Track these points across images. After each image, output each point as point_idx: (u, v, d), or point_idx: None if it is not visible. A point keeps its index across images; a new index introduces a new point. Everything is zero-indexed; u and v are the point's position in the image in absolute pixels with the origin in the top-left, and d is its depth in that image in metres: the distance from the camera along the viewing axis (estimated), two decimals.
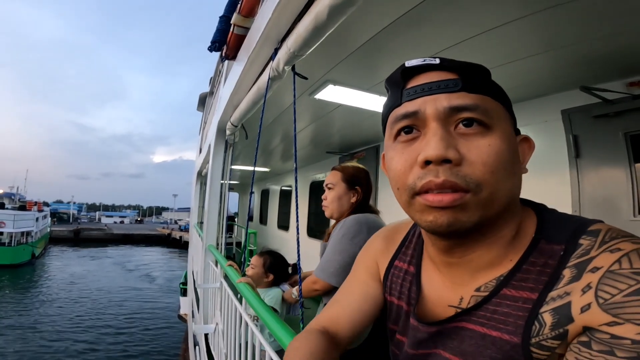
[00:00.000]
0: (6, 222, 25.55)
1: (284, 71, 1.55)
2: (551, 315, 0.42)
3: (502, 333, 0.46)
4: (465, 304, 0.52)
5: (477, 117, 0.45)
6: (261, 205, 10.51)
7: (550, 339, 0.42)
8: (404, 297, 0.64)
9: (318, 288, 1.51)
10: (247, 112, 2.29)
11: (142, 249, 38.45)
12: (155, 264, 28.47)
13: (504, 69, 1.93)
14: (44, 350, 10.99)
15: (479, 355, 0.48)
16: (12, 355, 10.47)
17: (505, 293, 0.47)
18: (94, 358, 10.75)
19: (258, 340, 1.19)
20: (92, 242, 41.01)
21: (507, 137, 0.47)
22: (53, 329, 12.77)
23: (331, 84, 2.33)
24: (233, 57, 2.46)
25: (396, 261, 0.68)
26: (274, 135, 4.30)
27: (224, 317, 2.03)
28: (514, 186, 0.48)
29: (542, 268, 0.46)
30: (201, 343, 2.72)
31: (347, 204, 1.59)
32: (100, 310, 15.29)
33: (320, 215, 5.94)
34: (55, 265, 25.73)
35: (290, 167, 7.27)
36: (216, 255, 2.56)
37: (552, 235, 0.48)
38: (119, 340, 12.12)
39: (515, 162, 0.48)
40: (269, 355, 1.05)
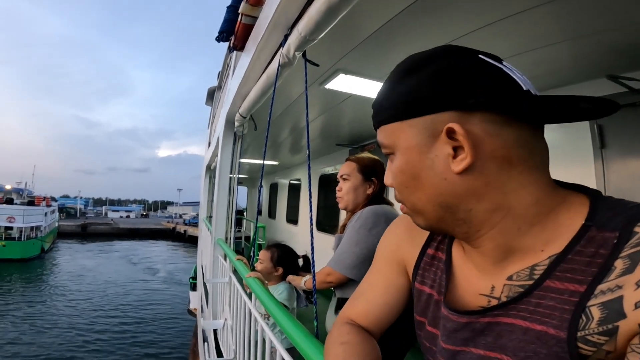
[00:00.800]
0: (16, 217, 25.94)
1: (294, 57, 1.50)
2: (599, 309, 0.39)
3: (547, 327, 0.42)
4: (499, 294, 0.50)
5: (384, 150, 0.53)
6: (270, 199, 10.53)
7: (597, 334, 0.39)
8: (436, 285, 0.61)
9: (332, 280, 1.47)
10: (256, 102, 2.24)
11: (147, 242, 38.93)
12: (160, 257, 29.07)
13: (525, 57, 1.87)
14: (55, 339, 11.35)
15: (521, 350, 0.45)
16: (26, 345, 10.80)
17: (549, 285, 0.44)
18: (104, 346, 11.12)
19: (268, 337, 1.16)
20: (99, 237, 41.61)
21: (402, 156, 0.50)
22: (64, 320, 13.17)
23: (342, 73, 2.27)
24: (241, 48, 2.42)
25: (428, 249, 0.65)
26: (283, 127, 4.26)
27: (233, 313, 2.00)
28: (429, 194, 0.49)
29: (591, 258, 0.41)
30: (210, 339, 2.72)
31: (363, 195, 1.55)
32: (109, 301, 15.82)
33: (330, 209, 5.90)
34: (64, 259, 26.33)
35: (299, 160, 7.24)
36: (225, 249, 2.53)
37: (605, 222, 0.42)
38: (127, 329, 12.55)
39: (418, 173, 0.49)
40: (280, 353, 1.01)
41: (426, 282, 0.63)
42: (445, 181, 0.47)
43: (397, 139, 0.50)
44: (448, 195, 0.48)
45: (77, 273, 21.15)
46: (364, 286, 0.73)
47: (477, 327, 0.50)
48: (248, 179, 12.45)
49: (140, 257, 28.27)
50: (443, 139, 0.46)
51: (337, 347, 0.60)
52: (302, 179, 7.59)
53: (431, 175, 0.48)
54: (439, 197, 0.48)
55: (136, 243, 37.78)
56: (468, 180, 0.46)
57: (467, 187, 0.46)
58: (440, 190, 0.48)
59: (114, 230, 44.73)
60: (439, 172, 0.47)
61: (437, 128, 0.46)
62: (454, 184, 0.47)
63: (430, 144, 0.47)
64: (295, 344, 0.85)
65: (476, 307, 0.52)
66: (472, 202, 0.47)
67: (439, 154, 0.47)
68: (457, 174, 0.46)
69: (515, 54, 1.83)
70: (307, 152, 1.33)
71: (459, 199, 0.47)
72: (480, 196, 0.46)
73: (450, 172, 0.46)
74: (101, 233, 43.31)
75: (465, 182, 0.46)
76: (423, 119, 0.47)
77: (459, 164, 0.45)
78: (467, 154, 0.44)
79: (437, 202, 0.49)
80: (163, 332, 12.66)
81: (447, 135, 0.45)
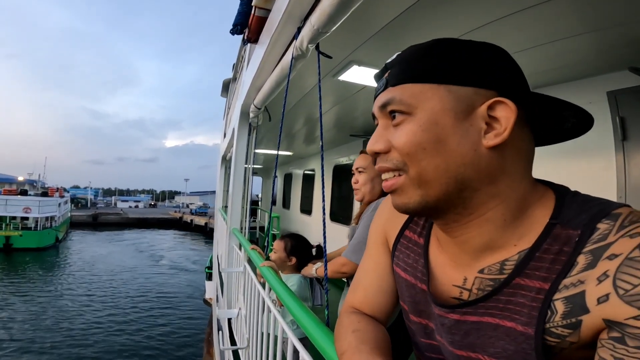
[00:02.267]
0: (32, 207, 26.94)
1: (307, 50, 1.50)
2: (563, 303, 0.40)
3: (516, 324, 0.44)
4: (470, 285, 0.51)
5: (396, 108, 0.49)
6: (284, 190, 10.59)
7: (561, 327, 0.41)
8: (410, 269, 0.61)
9: (346, 271, 1.48)
10: (270, 93, 2.26)
11: (155, 232, 40.12)
12: (168, 245, 30.43)
13: (545, 49, 1.83)
14: (75, 323, 11.96)
15: (491, 347, 0.46)
16: (45, 330, 11.37)
17: (519, 282, 0.45)
18: (119, 328, 11.74)
19: (280, 326, 1.18)
20: (109, 226, 42.80)
21: (429, 117, 0.47)
22: (79, 305, 13.84)
23: (356, 64, 2.25)
24: (255, 40, 2.42)
25: (406, 230, 0.65)
26: (297, 118, 4.27)
27: (247, 302, 2.04)
28: (450, 162, 0.46)
29: (555, 256, 0.43)
30: (224, 328, 2.78)
31: (379, 187, 1.56)
32: (123, 286, 16.67)
33: (344, 199, 5.91)
34: (78, 248, 27.38)
35: (313, 150, 7.24)
36: (240, 239, 2.58)
37: (569, 219, 0.44)
38: (140, 313, 13.28)
39: (445, 138, 0.46)
40: (292, 342, 1.03)
41: (400, 264, 0.64)
42: (475, 152, 0.46)
43: (425, 100, 0.47)
44: (470, 167, 0.46)
45: (92, 261, 22.04)
46: (360, 274, 0.73)
47: (445, 324, 0.52)
48: (263, 169, 12.54)
49: (149, 246, 29.34)
50: (481, 113, 0.46)
51: (349, 335, 0.60)
52: (316, 169, 7.61)
53: (463, 142, 0.46)
54: (461, 168, 0.46)
55: (145, 232, 38.92)
56: (493, 159, 0.46)
57: (488, 165, 0.46)
58: (466, 160, 0.46)
59: (123, 220, 45.88)
60: (472, 141, 0.46)
61: (477, 100, 0.46)
62: (480, 158, 0.46)
63: (468, 113, 0.46)
64: (307, 332, 0.87)
65: (448, 297, 0.54)
66: (484, 182, 0.47)
67: (474, 125, 0.46)
68: (488, 148, 0.46)
69: (535, 45, 1.79)
70: (321, 142, 1.34)
71: (477, 175, 0.46)
72: (493, 179, 0.47)
73: (482, 145, 0.46)
74: (111, 223, 44.49)
75: (489, 160, 0.46)
76: (466, 88, 0.46)
77: (493, 138, 0.45)
78: (505, 130, 0.45)
79: (456, 174, 0.46)
80: (172, 313, 13.40)
81: (489, 108, 0.45)
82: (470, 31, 1.69)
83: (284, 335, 1.16)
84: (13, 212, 26.10)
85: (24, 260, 21.42)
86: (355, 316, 0.66)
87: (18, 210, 26.25)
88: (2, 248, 24.25)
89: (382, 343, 0.58)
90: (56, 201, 31.09)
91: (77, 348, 10.17)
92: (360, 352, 0.54)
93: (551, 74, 2.17)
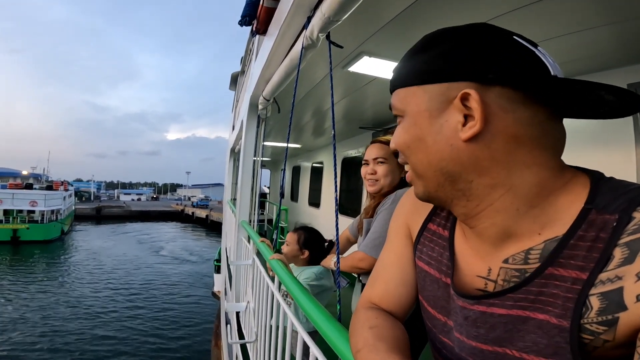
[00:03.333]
0: (38, 201, 27.63)
1: (318, 39, 1.47)
2: (599, 299, 0.38)
3: (549, 316, 0.41)
4: (495, 276, 0.49)
5: (394, 112, 0.55)
6: (292, 182, 10.60)
7: (596, 324, 0.38)
8: (434, 263, 0.60)
9: (364, 267, 1.42)
10: (279, 84, 2.23)
11: (158, 224, 41.26)
12: (170, 237, 31.48)
13: (564, 40, 1.79)
14: (82, 313, 12.41)
15: (520, 341, 0.44)
16: (58, 320, 11.79)
17: (552, 272, 0.42)
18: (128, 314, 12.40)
19: (290, 320, 1.16)
20: (112, 219, 43.60)
21: (410, 119, 0.51)
22: (87, 295, 14.40)
23: (366, 55, 2.22)
24: (264, 32, 2.40)
25: (430, 223, 0.64)
26: (306, 110, 4.25)
27: (256, 295, 2.03)
28: (431, 158, 0.49)
29: (592, 243, 0.40)
30: (233, 321, 2.78)
31: (397, 180, 1.51)
32: (128, 274, 17.53)
33: (352, 192, 5.89)
34: (83, 240, 28.18)
35: (321, 143, 7.22)
36: (249, 231, 2.58)
37: (605, 204, 0.41)
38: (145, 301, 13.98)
39: (423, 136, 0.49)
40: (302, 337, 1.01)
41: (423, 257, 0.62)
42: (450, 147, 0.47)
43: (409, 102, 0.51)
44: (451, 162, 0.48)
45: (97, 252, 22.76)
46: (379, 267, 0.71)
47: (470, 316, 0.50)
48: (271, 161, 12.57)
49: (151, 237, 30.35)
50: (456, 106, 0.46)
51: (365, 331, 0.58)
52: (324, 162, 7.58)
53: (438, 139, 0.48)
54: (441, 162, 0.48)
55: (148, 225, 39.89)
56: (473, 150, 0.46)
57: (471, 156, 0.46)
58: (444, 155, 0.48)
59: (126, 213, 46.80)
60: (446, 137, 0.47)
61: (451, 95, 0.46)
62: (459, 151, 0.47)
63: (442, 110, 0.47)
64: (317, 326, 0.85)
65: (473, 289, 0.52)
66: (474, 173, 0.47)
67: (449, 120, 0.47)
68: (464, 141, 0.46)
69: (554, 36, 1.75)
70: (333, 132, 1.31)
71: (461, 167, 0.47)
72: (483, 169, 0.46)
73: (458, 139, 0.46)
74: (115, 216, 45.36)
75: (470, 151, 0.46)
76: (439, 85, 0.47)
77: (467, 130, 0.45)
78: (477, 121, 0.44)
79: (438, 168, 0.49)
80: (174, 299, 14.17)
81: (461, 102, 0.45)
82: (487, 21, 1.65)
83: (293, 328, 1.15)
84: (20, 205, 26.81)
85: (32, 253, 22.05)
86: (372, 312, 0.64)
87: (24, 203, 26.96)
88: (9, 241, 24.90)
89: (401, 342, 0.56)
90: (61, 194, 31.86)
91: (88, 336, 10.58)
92: (377, 350, 0.52)
93: (571, 65, 2.11)
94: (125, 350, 9.93)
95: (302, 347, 1.02)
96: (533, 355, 0.43)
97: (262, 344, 1.70)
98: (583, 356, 0.39)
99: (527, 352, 0.43)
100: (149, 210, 48.81)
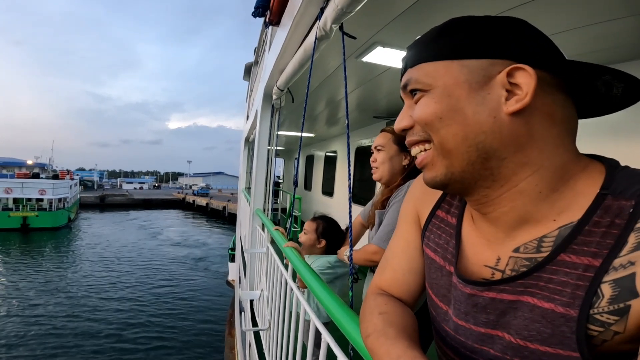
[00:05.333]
0: (47, 190, 28.87)
1: (331, 30, 1.47)
2: (611, 287, 0.37)
3: (555, 305, 0.41)
4: (503, 266, 0.48)
5: (414, 87, 0.51)
6: (306, 171, 10.62)
7: (606, 314, 0.37)
8: (440, 250, 0.59)
9: (377, 260, 1.41)
10: (293, 75, 2.24)
11: (160, 211, 43.64)
12: (171, 223, 33.96)
13: (584, 31, 1.75)
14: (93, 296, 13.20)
15: (524, 329, 0.44)
16: (68, 304, 12.51)
17: (564, 259, 0.41)
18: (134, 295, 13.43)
19: (303, 308, 1.17)
20: (116, 207, 45.30)
21: (442, 90, 0.48)
22: (97, 278, 15.34)
23: (380, 45, 2.20)
24: (277, 23, 2.40)
25: (438, 210, 0.63)
26: (319, 100, 4.24)
27: (270, 283, 2.05)
28: (468, 131, 0.46)
29: (607, 229, 0.39)
30: (246, 309, 2.81)
31: (399, 167, 1.51)
32: (134, 259, 18.98)
33: (365, 181, 5.89)
34: (89, 227, 29.65)
35: (335, 132, 7.20)
36: (263, 219, 2.61)
37: (622, 190, 0.40)
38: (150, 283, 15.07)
39: (460, 107, 0.47)
40: (314, 325, 1.01)
41: (430, 244, 0.62)
42: (493, 119, 0.45)
43: (439, 77, 0.49)
44: (491, 135, 0.45)
45: (103, 238, 24.02)
46: (388, 253, 0.71)
47: (479, 303, 0.49)
48: (285, 151, 12.59)
49: (154, 224, 32.05)
50: (500, 81, 0.45)
51: (375, 316, 0.58)
52: (338, 151, 7.57)
53: (479, 110, 0.46)
54: (480, 136, 0.46)
55: (150, 212, 41.57)
56: (516, 125, 0.45)
57: (512, 132, 0.45)
58: (484, 128, 0.46)
59: (129, 201, 48.33)
60: (490, 109, 0.46)
61: (494, 70, 0.46)
62: (501, 125, 0.45)
63: (483, 83, 0.46)
64: (330, 313, 0.86)
65: (478, 278, 0.51)
66: (510, 150, 0.46)
67: (492, 93, 0.46)
68: (509, 114, 0.45)
69: (573, 27, 1.71)
70: (346, 121, 1.31)
71: (500, 143, 0.46)
72: (520, 146, 0.45)
73: (502, 112, 0.45)
74: (118, 204, 46.91)
75: (512, 126, 0.45)
76: (480, 61, 0.46)
77: (514, 104, 0.44)
78: (526, 95, 0.44)
79: (475, 142, 0.46)
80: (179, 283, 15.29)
81: (507, 77, 0.45)
82: (504, 11, 1.61)
83: (306, 317, 1.16)
84: (29, 194, 28.03)
85: (42, 239, 23.18)
86: (382, 298, 0.64)
87: (34, 192, 28.18)
88: (19, 228, 26.06)
89: (409, 327, 0.55)
90: (68, 183, 33.10)
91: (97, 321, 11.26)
92: (386, 336, 0.52)
93: (590, 57, 2.06)
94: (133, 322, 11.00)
95: (314, 335, 1.02)
96: (537, 344, 0.42)
97: (275, 331, 1.72)
98: (589, 348, 0.39)
99: (531, 342, 0.43)
100: (151, 199, 50.35)
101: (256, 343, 2.38)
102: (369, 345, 0.55)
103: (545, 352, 0.42)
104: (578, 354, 0.39)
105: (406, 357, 0.46)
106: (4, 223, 25.78)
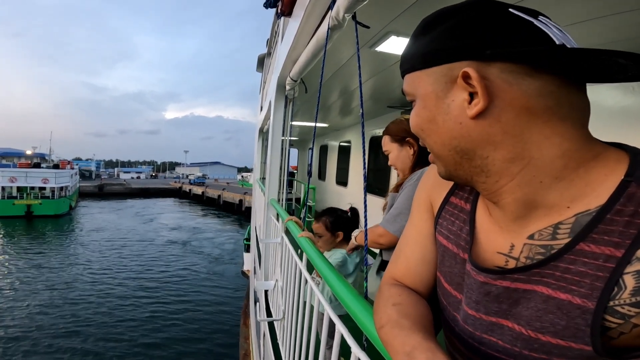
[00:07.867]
0: (49, 178, 30.17)
1: (344, 19, 1.45)
2: (634, 278, 0.36)
3: (572, 296, 0.40)
4: (517, 254, 0.47)
5: (407, 98, 0.55)
6: (319, 161, 10.61)
7: (627, 305, 0.36)
8: (452, 237, 0.58)
9: (383, 242, 1.44)
10: (306, 65, 2.23)
11: (157, 200, 44.87)
12: (168, 210, 35.66)
13: (604, 21, 1.68)
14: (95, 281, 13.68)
15: (537, 321, 0.43)
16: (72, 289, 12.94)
17: (583, 248, 0.40)
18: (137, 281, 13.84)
19: (317, 300, 1.16)
20: (114, 196, 46.51)
21: (420, 101, 0.52)
22: (99, 263, 15.98)
23: (394, 35, 2.17)
24: (289, 14, 2.38)
25: (452, 197, 0.62)
26: (333, 90, 4.21)
27: (284, 274, 2.06)
28: (444, 137, 0.50)
29: (630, 218, 0.38)
30: (261, 299, 2.83)
31: (409, 158, 1.57)
32: (135, 246, 19.46)
33: (379, 171, 5.86)
34: (89, 215, 30.83)
35: (349, 122, 7.16)
36: (278, 209, 2.63)
37: None
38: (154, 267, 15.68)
39: (433, 117, 0.50)
40: (328, 316, 0.99)
41: (442, 232, 0.61)
42: (460, 125, 0.47)
43: (417, 87, 0.52)
44: (462, 139, 0.48)
45: (104, 225, 25.05)
46: (402, 243, 0.70)
47: (492, 292, 0.48)
48: (299, 141, 12.60)
49: (152, 211, 34.01)
50: (460, 85, 0.46)
51: (389, 308, 0.57)
52: (352, 141, 7.53)
53: (447, 119, 0.48)
54: (454, 141, 0.49)
55: (147, 201, 42.96)
56: (483, 125, 0.46)
57: (481, 132, 0.46)
58: (454, 133, 0.48)
59: (127, 190, 49.55)
60: (454, 116, 0.48)
61: (453, 75, 0.46)
62: (468, 129, 0.47)
63: (447, 90, 0.48)
64: (345, 304, 0.85)
65: (492, 266, 0.50)
66: (488, 149, 0.47)
67: (455, 99, 0.47)
68: (472, 118, 0.46)
69: (594, 17, 1.64)
70: (361, 110, 1.30)
71: (473, 144, 0.47)
72: (496, 144, 0.46)
73: (465, 117, 0.46)
74: (116, 193, 48.14)
75: (479, 128, 0.46)
76: (440, 67, 0.48)
77: (472, 108, 0.45)
78: (480, 98, 0.44)
79: (452, 146, 0.49)
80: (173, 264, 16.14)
81: (464, 80, 0.45)
82: (516, 2, 1.56)
83: (320, 309, 1.15)
84: (33, 183, 29.25)
85: (45, 226, 24.14)
86: (396, 289, 0.63)
87: (37, 181, 29.47)
88: (24, 215, 27.19)
89: (424, 318, 0.54)
90: (68, 172, 34.56)
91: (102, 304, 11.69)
92: (400, 327, 0.51)
93: (609, 47, 1.97)
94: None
95: (327, 327, 1.02)
96: (549, 336, 0.42)
97: (289, 321, 1.73)
98: (603, 342, 0.38)
99: (543, 334, 0.42)
100: (149, 188, 51.51)
101: (270, 333, 2.42)
102: (383, 337, 0.54)
103: (557, 344, 0.41)
104: (590, 348, 0.39)
105: (421, 349, 0.45)
106: (9, 210, 26.82)
